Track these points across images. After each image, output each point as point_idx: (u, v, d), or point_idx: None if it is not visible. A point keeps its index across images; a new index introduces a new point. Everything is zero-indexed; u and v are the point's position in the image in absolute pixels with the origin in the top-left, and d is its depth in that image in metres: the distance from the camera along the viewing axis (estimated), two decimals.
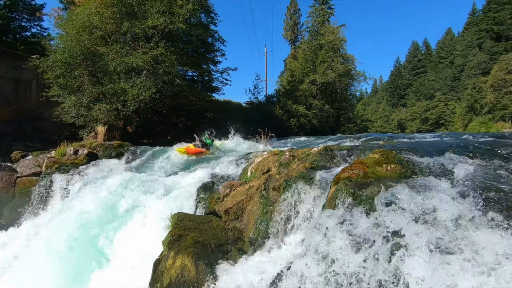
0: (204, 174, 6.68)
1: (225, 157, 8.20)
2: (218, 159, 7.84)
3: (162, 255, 4.05)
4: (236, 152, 9.25)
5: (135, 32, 12.20)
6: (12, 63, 13.64)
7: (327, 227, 2.83)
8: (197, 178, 6.45)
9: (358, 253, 2.52)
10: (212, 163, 7.87)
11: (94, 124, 11.82)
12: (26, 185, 7.57)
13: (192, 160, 8.52)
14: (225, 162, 7.64)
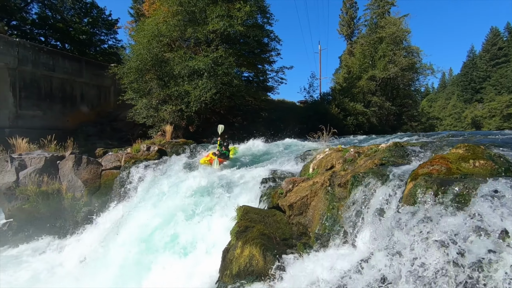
0: (264, 170, 6.82)
1: (284, 155, 8.27)
2: (280, 157, 7.93)
3: (230, 245, 4.24)
4: (252, 157, 8.94)
5: (197, 37, 13.01)
6: (95, 72, 15.66)
7: (406, 224, 2.66)
8: (258, 174, 6.62)
9: (444, 252, 2.32)
10: (271, 160, 8.01)
11: (162, 124, 12.92)
12: (109, 177, 8.61)
13: (249, 157, 8.74)
14: (283, 160, 7.72)
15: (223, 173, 6.88)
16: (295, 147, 10.42)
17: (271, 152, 9.52)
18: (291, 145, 10.84)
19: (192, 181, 6.22)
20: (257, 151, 9.91)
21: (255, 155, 9.34)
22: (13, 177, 7.82)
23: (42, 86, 13.26)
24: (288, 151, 9.61)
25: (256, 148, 10.25)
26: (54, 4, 22.46)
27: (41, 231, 7.78)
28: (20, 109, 12.39)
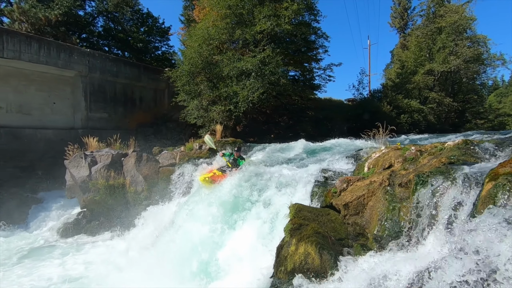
0: (315, 169, 6.71)
1: (333, 154, 8.05)
2: (329, 156, 7.74)
3: (284, 241, 4.25)
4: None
5: (245, 38, 13.31)
6: (151, 76, 16.92)
7: (489, 227, 2.41)
8: (307, 173, 6.54)
9: None
10: (320, 159, 7.86)
11: (211, 124, 13.46)
12: (166, 173, 9.23)
13: (297, 157, 8.65)
14: (333, 159, 7.53)
15: (272, 170, 6.92)
16: (345, 146, 10.08)
17: (319, 151, 9.33)
18: (340, 144, 10.52)
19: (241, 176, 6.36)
20: (304, 150, 9.79)
21: (302, 154, 9.25)
22: (86, 172, 8.81)
23: (107, 91, 14.74)
24: (337, 150, 9.35)
25: (303, 147, 10.14)
26: (116, 16, 24.74)
27: (109, 220, 8.65)
28: (90, 112, 13.93)
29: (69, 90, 13.65)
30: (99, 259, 6.51)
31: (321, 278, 3.57)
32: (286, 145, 10.19)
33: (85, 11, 23.66)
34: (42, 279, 5.76)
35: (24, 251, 7.66)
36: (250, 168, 6.46)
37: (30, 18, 18.30)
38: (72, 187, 9.10)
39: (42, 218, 9.61)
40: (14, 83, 11.87)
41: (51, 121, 12.89)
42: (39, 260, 6.95)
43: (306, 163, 7.45)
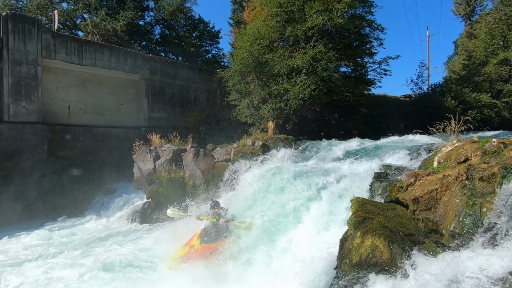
0: (374, 165, 6.47)
1: (394, 150, 7.63)
2: (387, 152, 7.36)
3: (347, 234, 4.17)
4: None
5: (296, 35, 13.27)
6: (204, 77, 17.81)
7: None
8: (367, 168, 6.32)
9: None
10: (380, 155, 7.51)
11: (262, 122, 13.68)
12: (220, 168, 9.63)
13: (354, 151, 8.35)
14: (394, 155, 7.16)
15: (329, 165, 6.80)
16: (403, 143, 9.48)
17: (376, 149, 8.90)
18: (397, 142, 9.93)
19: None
20: (359, 147, 9.43)
21: (359, 151, 8.91)
22: (151, 165, 9.62)
23: (166, 92, 15.91)
24: (396, 146, 8.83)
25: (358, 144, 9.77)
26: (171, 24, 26.50)
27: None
28: (151, 112, 15.18)
29: (134, 92, 15.03)
30: (162, 239, 7.10)
31: (391, 273, 3.43)
32: (340, 142, 9.93)
33: (144, 21, 25.81)
34: (118, 254, 6.49)
35: (100, 235, 8.64)
36: (308, 162, 6.45)
37: (101, 30, 20.50)
38: (139, 179, 10.01)
39: (114, 207, 10.74)
40: (90, 87, 13.47)
41: (119, 121, 14.33)
42: (114, 241, 7.80)
43: (364, 159, 7.19)
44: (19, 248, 7.53)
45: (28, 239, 8.24)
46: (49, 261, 6.36)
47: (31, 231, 8.73)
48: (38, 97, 11.40)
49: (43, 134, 11.44)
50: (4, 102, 10.69)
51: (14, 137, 10.73)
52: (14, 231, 8.89)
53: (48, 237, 8.38)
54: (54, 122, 12.15)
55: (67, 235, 8.59)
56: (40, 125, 11.44)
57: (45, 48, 11.58)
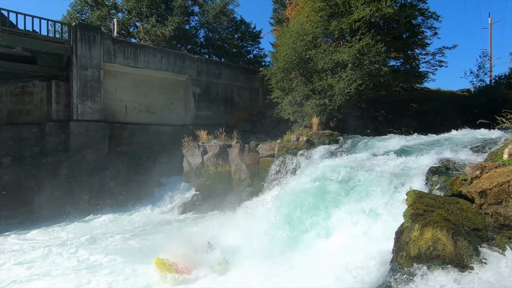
0: (431, 159, 6.09)
1: (452, 145, 7.11)
2: (445, 148, 6.87)
3: (403, 227, 4.00)
4: None
5: (341, 29, 12.94)
6: (247, 76, 18.17)
7: None
8: (424, 162, 5.97)
9: None
10: (436, 150, 7.03)
11: (305, 118, 13.56)
12: (265, 163, 9.78)
13: (407, 147, 7.89)
14: (453, 149, 6.67)
15: (380, 159, 6.51)
16: (462, 138, 8.72)
17: (430, 144, 8.32)
18: (454, 137, 9.15)
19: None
20: (412, 143, 8.89)
21: (412, 146, 8.41)
22: (199, 159, 10.11)
23: (211, 91, 16.57)
24: (453, 142, 8.17)
25: (410, 139, 9.22)
26: (215, 27, 27.44)
27: (217, 203, 9.70)
28: (198, 111, 15.93)
29: (182, 92, 15.90)
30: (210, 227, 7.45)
31: (456, 267, 3.22)
32: (389, 138, 9.47)
33: (190, 25, 27.08)
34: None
35: (155, 222, 9.32)
36: (360, 155, 6.27)
37: (151, 36, 22.01)
38: (188, 173, 10.58)
39: (166, 198, 11.49)
40: (143, 88, 14.55)
41: (169, 119, 15.27)
42: (167, 228, 8.39)
43: (419, 154, 6.78)
44: (87, 229, 8.50)
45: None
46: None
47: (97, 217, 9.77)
48: (100, 97, 12.64)
49: (104, 131, 12.65)
50: (73, 102, 12.03)
51: (81, 134, 12.03)
52: (81, 217, 9.97)
53: (115, 221, 9.32)
54: (113, 120, 13.37)
55: (129, 221, 9.44)
56: (102, 123, 12.66)
57: (106, 53, 12.80)
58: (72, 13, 24.40)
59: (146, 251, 6.45)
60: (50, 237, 8.04)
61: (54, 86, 12.05)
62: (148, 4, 23.07)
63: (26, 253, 6.70)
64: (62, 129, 11.93)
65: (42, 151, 11.84)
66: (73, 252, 6.71)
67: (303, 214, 5.73)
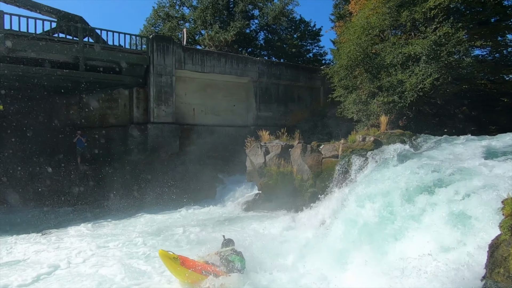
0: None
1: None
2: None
3: (500, 240, 3.50)
4: None
5: (414, 19, 11.88)
6: (308, 76, 17.95)
7: None
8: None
9: None
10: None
11: (371, 117, 12.78)
12: (328, 164, 9.52)
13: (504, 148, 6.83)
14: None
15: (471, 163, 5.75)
16: None
17: None
18: None
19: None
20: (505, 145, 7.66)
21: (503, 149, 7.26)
22: (262, 159, 10.34)
23: (272, 92, 16.82)
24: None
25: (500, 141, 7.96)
26: (274, 28, 27.72)
27: (280, 203, 9.79)
28: (259, 112, 16.34)
29: (244, 94, 16.48)
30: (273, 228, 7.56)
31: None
32: (474, 139, 8.34)
33: (250, 29, 27.85)
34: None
35: (219, 219, 9.83)
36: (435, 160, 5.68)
37: (215, 42, 23.26)
38: (251, 172, 10.91)
39: (229, 196, 12.06)
40: (209, 91, 15.50)
41: (232, 120, 15.98)
42: (231, 224, 8.80)
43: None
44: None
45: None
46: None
47: (169, 212, 10.76)
48: (172, 101, 13.89)
49: (176, 132, 13.85)
50: (150, 106, 13.46)
51: (157, 135, 13.37)
52: (156, 211, 11.02)
53: (184, 216, 10.16)
54: (183, 122, 14.54)
55: (196, 217, 10.17)
56: (174, 124, 13.89)
57: (178, 61, 14.00)
58: (147, 27, 27.30)
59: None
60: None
61: (135, 93, 13.64)
62: (212, 12, 24.47)
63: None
64: (141, 130, 13.44)
65: (125, 150, 13.52)
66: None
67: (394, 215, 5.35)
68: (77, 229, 8.74)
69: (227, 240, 5.15)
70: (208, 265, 4.82)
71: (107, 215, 10.57)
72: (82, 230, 8.64)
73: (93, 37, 13.25)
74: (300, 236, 6.95)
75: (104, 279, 5.34)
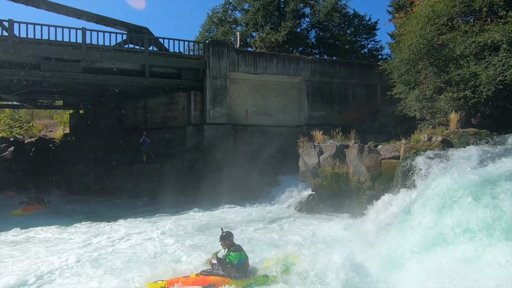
0: None
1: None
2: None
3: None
4: None
5: (491, 3, 10.52)
6: (364, 72, 17.11)
7: None
8: None
9: None
10: None
11: (437, 115, 11.66)
12: (388, 165, 8.94)
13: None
14: None
15: None
16: None
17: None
18: None
19: None
20: None
21: None
22: (316, 160, 10.14)
23: (324, 91, 16.40)
24: None
25: None
26: (326, 25, 26.95)
27: (335, 205, 9.49)
28: (311, 111, 16.07)
29: (296, 94, 16.35)
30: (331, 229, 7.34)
31: None
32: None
33: (301, 28, 27.48)
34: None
35: (271, 218, 9.88)
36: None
37: (266, 43, 23.49)
38: (304, 173, 10.77)
39: (281, 196, 12.07)
40: (261, 92, 15.73)
41: (283, 120, 15.99)
42: (283, 224, 8.81)
43: None
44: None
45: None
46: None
47: (222, 209, 11.17)
48: (226, 103, 14.42)
49: (229, 133, 14.35)
50: (206, 108, 14.16)
51: (212, 135, 14.02)
52: (209, 207, 11.49)
53: (236, 214, 10.48)
54: (236, 123, 14.99)
55: (247, 215, 10.40)
56: (228, 125, 14.41)
57: (231, 64, 14.49)
58: (202, 33, 28.74)
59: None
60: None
61: (193, 96, 14.48)
62: (263, 14, 24.76)
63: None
64: (198, 131, 14.22)
65: (184, 150, 14.43)
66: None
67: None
68: (141, 220, 9.61)
69: (226, 233, 4.97)
70: (203, 277, 4.59)
71: (165, 209, 11.33)
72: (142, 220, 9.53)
73: (156, 46, 14.43)
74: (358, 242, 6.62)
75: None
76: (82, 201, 13.50)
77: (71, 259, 6.09)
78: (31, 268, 5.67)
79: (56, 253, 6.55)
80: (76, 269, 5.69)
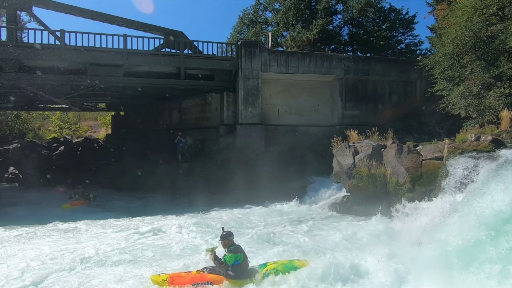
0: None
1: None
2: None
3: None
4: None
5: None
6: (401, 69, 16.30)
7: None
8: None
9: None
10: None
11: (485, 113, 10.79)
12: (430, 167, 8.45)
13: None
14: None
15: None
16: None
17: None
18: None
19: None
20: None
21: None
22: (350, 160, 9.86)
23: (359, 89, 15.86)
24: None
25: None
26: (359, 22, 26.04)
27: (371, 207, 9.14)
28: (345, 110, 15.62)
29: (328, 92, 16.01)
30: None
31: None
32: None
33: (333, 25, 26.82)
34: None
35: (303, 219, 9.75)
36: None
37: (297, 42, 23.26)
38: (338, 173, 10.52)
39: (314, 197, 11.88)
40: (293, 92, 15.61)
41: (315, 120, 15.72)
42: (318, 223, 8.69)
43: None
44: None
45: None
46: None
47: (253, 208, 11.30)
48: (258, 103, 14.51)
49: (261, 133, 14.41)
50: (239, 109, 14.36)
51: (244, 135, 14.17)
52: (241, 206, 11.66)
53: (267, 213, 10.52)
54: (268, 123, 15.02)
55: (278, 215, 10.38)
56: (260, 125, 14.48)
57: (263, 64, 14.55)
58: (233, 34, 29.16)
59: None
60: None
61: (225, 96, 14.75)
62: (294, 13, 24.53)
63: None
64: (231, 131, 14.46)
65: (216, 150, 14.76)
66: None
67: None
68: (173, 216, 10.05)
69: (226, 232, 4.95)
70: (202, 274, 4.79)
71: (198, 207, 11.68)
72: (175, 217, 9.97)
73: (191, 49, 14.92)
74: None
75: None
76: (122, 197, 14.41)
77: (104, 248, 6.82)
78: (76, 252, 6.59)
79: (97, 240, 7.43)
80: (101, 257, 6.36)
